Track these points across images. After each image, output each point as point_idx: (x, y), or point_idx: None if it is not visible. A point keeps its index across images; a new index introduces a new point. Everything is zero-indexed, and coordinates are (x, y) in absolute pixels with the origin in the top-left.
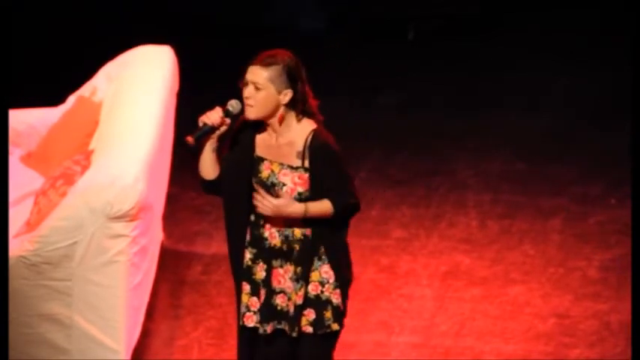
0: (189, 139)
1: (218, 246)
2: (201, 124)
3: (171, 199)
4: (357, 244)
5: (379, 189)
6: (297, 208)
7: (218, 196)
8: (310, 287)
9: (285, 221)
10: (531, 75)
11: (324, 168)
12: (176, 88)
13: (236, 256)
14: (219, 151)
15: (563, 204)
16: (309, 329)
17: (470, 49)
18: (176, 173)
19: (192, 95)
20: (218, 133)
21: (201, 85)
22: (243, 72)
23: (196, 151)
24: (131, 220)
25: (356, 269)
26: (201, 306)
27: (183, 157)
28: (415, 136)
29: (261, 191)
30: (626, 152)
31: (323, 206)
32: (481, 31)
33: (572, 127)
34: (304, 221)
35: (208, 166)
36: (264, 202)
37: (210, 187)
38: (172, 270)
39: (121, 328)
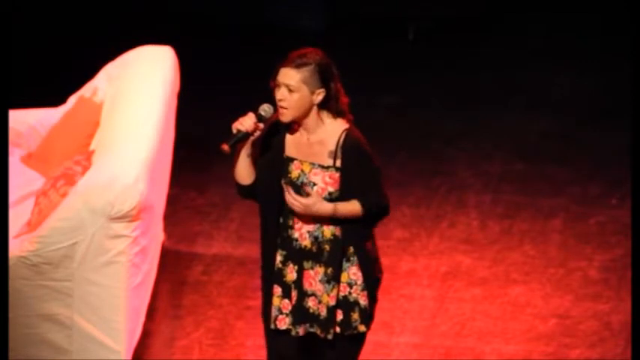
0: (225, 147)
1: (219, 246)
2: (235, 131)
3: (171, 200)
4: None
5: None
6: (326, 208)
7: (253, 200)
8: (339, 288)
9: (314, 222)
10: (531, 75)
11: (355, 168)
12: (177, 88)
13: (268, 258)
14: (253, 155)
15: (563, 204)
16: (337, 329)
17: (470, 49)
18: (177, 173)
19: (193, 95)
20: (252, 138)
21: (202, 85)
22: (274, 73)
23: (232, 157)
24: (132, 221)
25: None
26: (201, 306)
27: (184, 157)
28: (415, 136)
29: (290, 191)
30: (626, 152)
31: (352, 207)
32: (481, 31)
33: (572, 127)
34: (334, 221)
35: (244, 172)
36: (294, 203)
37: (246, 191)
38: (173, 270)
39: (122, 329)
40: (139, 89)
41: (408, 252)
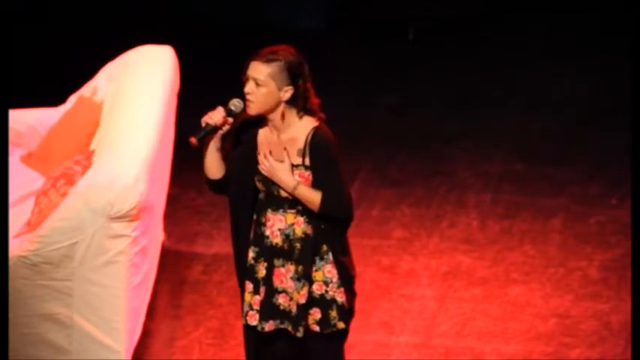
0: (193, 140)
1: (219, 246)
2: (203, 125)
3: (171, 199)
4: (358, 244)
5: (379, 189)
6: (289, 180)
7: (224, 195)
8: (315, 287)
9: (286, 219)
10: (531, 75)
11: (321, 165)
12: (177, 88)
13: (240, 254)
14: (223, 150)
15: (563, 204)
16: (316, 328)
17: (470, 49)
18: (177, 173)
19: (193, 95)
20: (221, 132)
21: (202, 84)
22: (245, 67)
23: (201, 151)
24: (132, 221)
25: (356, 269)
26: (201, 306)
27: (184, 157)
28: (415, 136)
29: (265, 152)
30: (626, 152)
31: (313, 195)
32: (481, 31)
33: (572, 127)
34: (306, 217)
35: (213, 166)
36: (264, 161)
37: (216, 186)
38: (173, 270)
39: (122, 329)
40: (139, 89)
41: (408, 252)
